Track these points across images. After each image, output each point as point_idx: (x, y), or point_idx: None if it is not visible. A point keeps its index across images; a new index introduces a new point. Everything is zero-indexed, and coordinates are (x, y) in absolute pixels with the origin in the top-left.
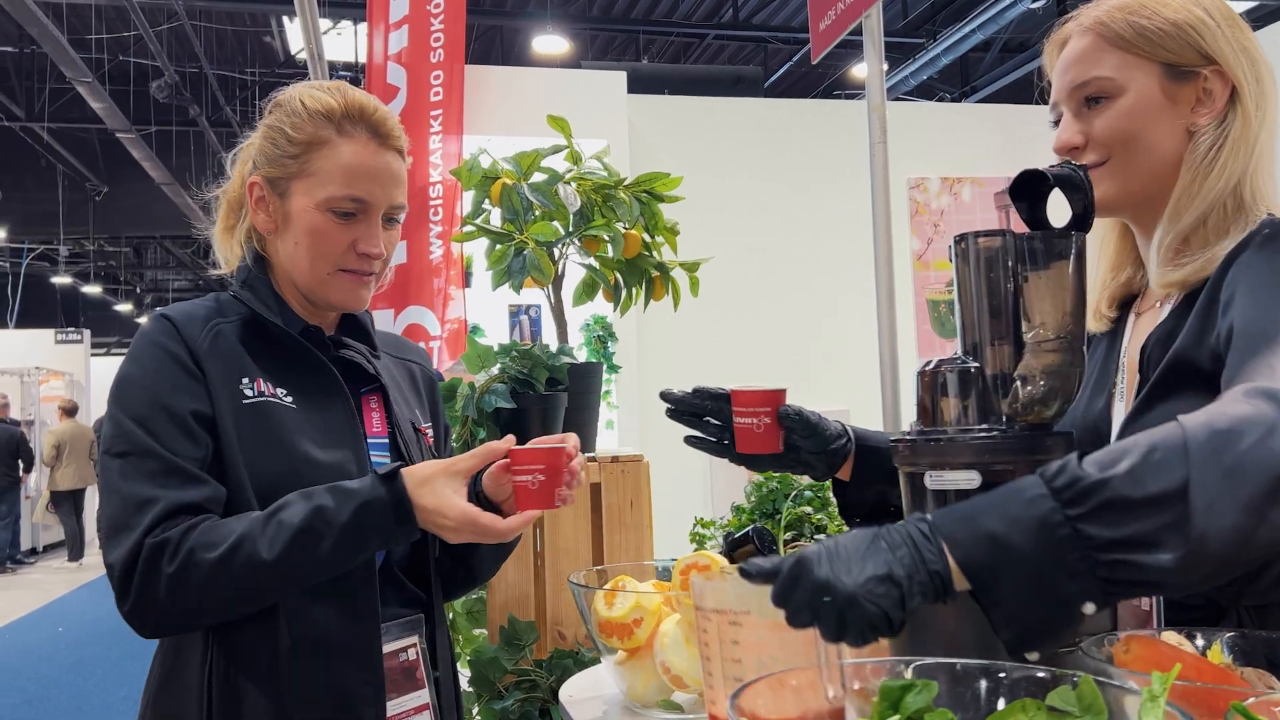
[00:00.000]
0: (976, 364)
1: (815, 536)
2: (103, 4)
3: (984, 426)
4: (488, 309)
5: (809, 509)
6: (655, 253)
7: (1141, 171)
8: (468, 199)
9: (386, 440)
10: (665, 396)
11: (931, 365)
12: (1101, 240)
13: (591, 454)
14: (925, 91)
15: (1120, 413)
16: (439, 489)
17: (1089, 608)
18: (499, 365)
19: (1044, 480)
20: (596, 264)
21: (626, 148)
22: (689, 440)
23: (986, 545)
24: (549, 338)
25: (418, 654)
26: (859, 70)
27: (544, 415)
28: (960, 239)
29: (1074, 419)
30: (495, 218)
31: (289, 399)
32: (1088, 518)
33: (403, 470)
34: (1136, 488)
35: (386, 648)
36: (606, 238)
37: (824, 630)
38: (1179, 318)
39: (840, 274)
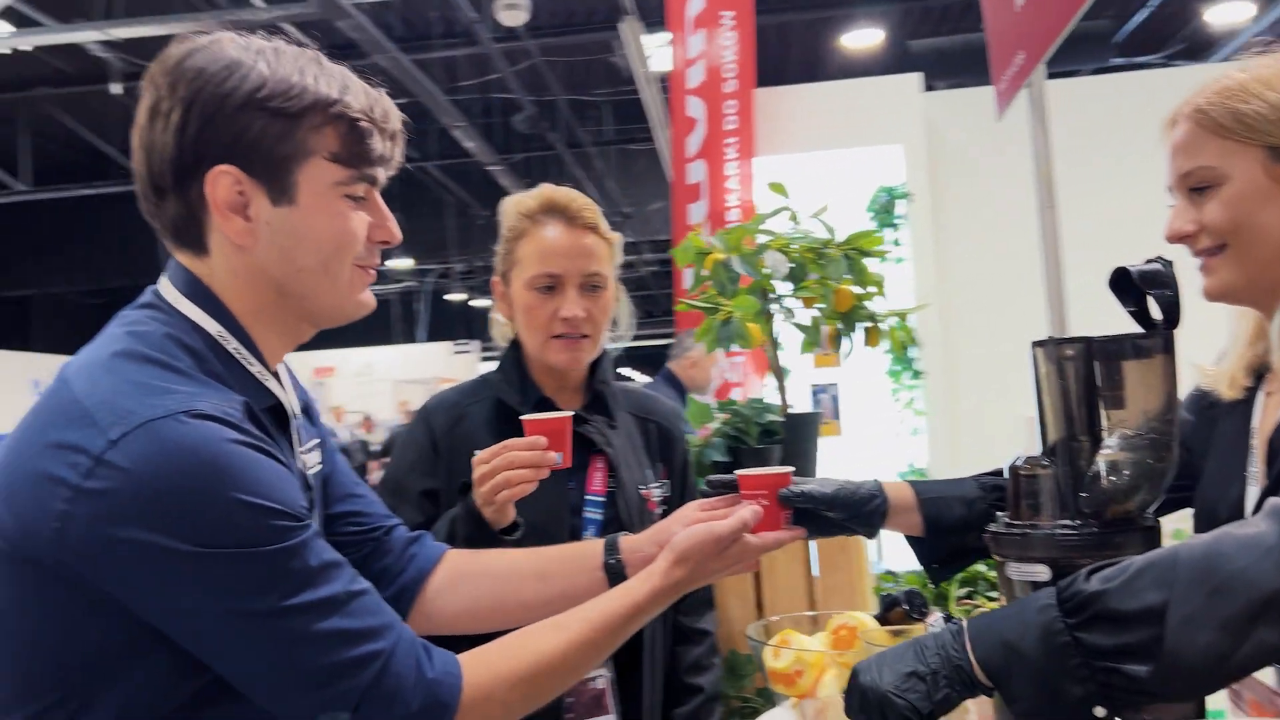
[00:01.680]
0: (1052, 463)
1: (988, 594)
2: (469, 53)
3: (1063, 523)
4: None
5: (983, 566)
6: (868, 303)
7: (1259, 258)
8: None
9: (603, 499)
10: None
11: (1019, 462)
12: (1241, 309)
13: None
14: None
15: (1253, 499)
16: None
17: (1100, 711)
18: (718, 421)
19: (1057, 590)
20: (820, 314)
21: (924, 149)
22: None
23: (1000, 648)
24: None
25: (606, 684)
26: (1216, 14)
27: (758, 465)
28: (1039, 342)
29: (1210, 506)
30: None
31: None
32: (1084, 627)
33: None
34: (1126, 601)
35: None
36: (822, 293)
37: None
38: None
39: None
